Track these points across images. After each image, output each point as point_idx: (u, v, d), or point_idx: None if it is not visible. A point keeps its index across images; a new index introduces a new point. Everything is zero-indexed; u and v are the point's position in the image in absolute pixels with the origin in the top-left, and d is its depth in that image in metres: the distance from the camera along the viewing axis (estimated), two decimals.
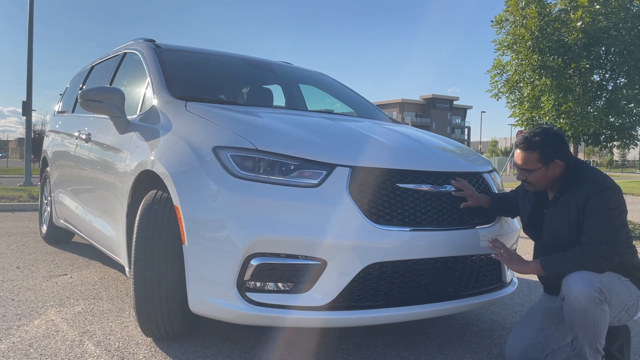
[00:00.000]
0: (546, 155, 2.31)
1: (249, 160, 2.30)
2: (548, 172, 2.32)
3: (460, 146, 3.18)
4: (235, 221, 2.20)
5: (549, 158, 2.31)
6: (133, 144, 3.00)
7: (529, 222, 2.53)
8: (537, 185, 2.38)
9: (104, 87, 3.37)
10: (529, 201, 2.53)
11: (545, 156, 2.31)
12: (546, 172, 2.32)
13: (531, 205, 2.51)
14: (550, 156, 2.31)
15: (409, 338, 2.78)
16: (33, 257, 4.57)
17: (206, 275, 2.25)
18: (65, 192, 4.47)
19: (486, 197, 2.57)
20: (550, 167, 2.31)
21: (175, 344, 2.53)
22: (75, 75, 5.52)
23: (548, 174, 2.33)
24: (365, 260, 2.19)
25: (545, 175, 2.33)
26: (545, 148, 2.31)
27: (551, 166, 2.31)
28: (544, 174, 2.33)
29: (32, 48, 13.27)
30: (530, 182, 2.37)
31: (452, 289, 2.47)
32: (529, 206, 2.52)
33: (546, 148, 2.31)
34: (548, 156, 2.31)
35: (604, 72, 8.60)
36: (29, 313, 2.98)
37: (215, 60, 4.03)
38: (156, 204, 2.49)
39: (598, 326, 2.13)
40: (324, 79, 4.48)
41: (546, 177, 2.34)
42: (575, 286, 2.12)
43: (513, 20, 8.59)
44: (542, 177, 2.34)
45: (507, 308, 3.44)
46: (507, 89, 9.19)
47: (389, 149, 2.58)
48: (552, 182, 2.36)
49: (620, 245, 2.21)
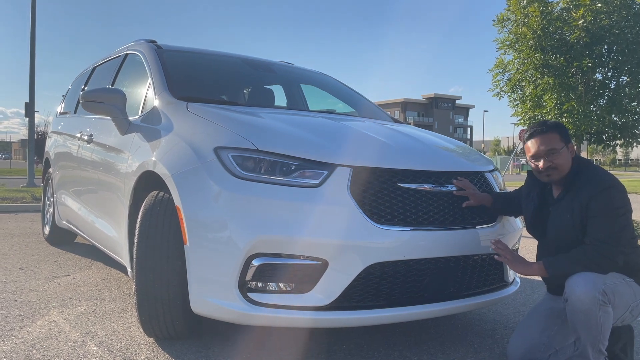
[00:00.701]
0: (565, 134, 2.33)
1: (250, 160, 2.30)
2: (568, 154, 2.32)
3: (462, 145, 3.18)
4: (236, 221, 2.20)
5: (568, 138, 2.33)
6: (135, 145, 3.00)
7: (533, 221, 2.52)
8: (563, 169, 2.30)
9: (105, 88, 3.38)
10: (532, 200, 2.51)
11: (565, 135, 2.33)
12: (568, 154, 2.31)
13: (535, 204, 2.49)
14: (567, 137, 2.34)
15: (411, 338, 2.78)
16: (36, 258, 4.59)
17: (208, 276, 2.26)
18: (68, 193, 4.48)
19: (488, 196, 2.56)
20: (570, 148, 2.32)
21: (177, 345, 2.53)
22: (77, 77, 5.53)
23: (569, 157, 2.31)
24: (367, 260, 2.19)
25: (568, 158, 2.31)
26: (563, 128, 2.35)
27: (569, 147, 2.32)
28: (567, 155, 2.31)
29: (34, 50, 13.31)
30: (557, 165, 2.29)
31: (454, 288, 2.47)
32: (532, 205, 2.50)
33: (563, 129, 2.35)
34: (566, 136, 2.33)
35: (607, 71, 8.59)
36: (31, 314, 2.99)
37: (217, 60, 4.03)
38: (158, 205, 2.49)
39: (601, 328, 2.11)
40: (325, 78, 4.48)
41: (568, 159, 2.31)
42: (579, 288, 2.11)
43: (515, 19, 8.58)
44: (566, 159, 2.31)
45: (510, 308, 3.44)
46: (509, 88, 9.18)
47: (390, 149, 2.58)
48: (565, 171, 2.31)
49: (624, 246, 2.19)
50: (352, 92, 4.39)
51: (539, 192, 2.48)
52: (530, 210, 2.51)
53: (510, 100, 9.29)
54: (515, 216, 2.75)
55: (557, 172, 2.31)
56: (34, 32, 13.23)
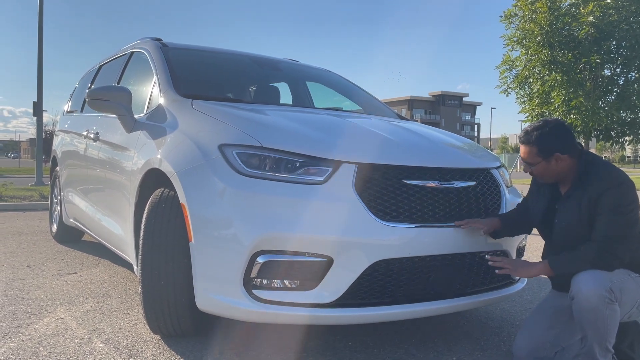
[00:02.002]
0: (544, 149, 2.26)
1: (255, 157, 2.30)
2: (550, 165, 2.28)
3: (468, 142, 3.16)
4: (241, 219, 2.19)
5: (548, 152, 2.26)
6: (140, 143, 3.01)
7: (541, 218, 2.49)
8: (544, 179, 2.35)
9: (111, 86, 3.38)
10: (542, 195, 2.48)
11: (543, 150, 2.27)
12: (548, 166, 2.28)
13: (544, 200, 2.47)
14: (548, 150, 2.26)
15: (417, 335, 2.77)
16: (43, 255, 4.61)
17: (213, 273, 2.26)
18: (75, 191, 4.51)
19: (497, 220, 2.49)
20: (552, 161, 2.27)
21: (183, 342, 2.54)
22: (84, 75, 5.55)
23: (551, 168, 2.29)
24: (372, 257, 2.18)
25: (547, 169, 2.29)
26: (543, 142, 2.26)
27: (552, 159, 2.27)
28: (545, 167, 2.29)
29: (42, 49, 13.39)
30: (534, 174, 2.36)
31: (460, 286, 2.46)
32: (542, 201, 2.48)
33: (543, 142, 2.26)
34: (546, 150, 2.26)
35: (615, 67, 8.52)
36: (38, 311, 3.00)
37: (222, 58, 4.03)
38: (163, 202, 2.49)
39: (608, 326, 2.09)
40: (331, 76, 4.47)
41: (549, 170, 2.30)
42: (585, 286, 2.09)
43: (522, 15, 8.53)
44: (544, 171, 2.30)
45: (516, 305, 3.42)
46: (516, 85, 9.14)
47: (395, 145, 2.56)
48: (561, 175, 2.31)
49: (631, 243, 2.17)
50: (357, 89, 4.38)
51: (548, 190, 2.45)
52: (540, 206, 2.47)
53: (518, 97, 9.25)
54: (528, 232, 2.68)
55: (541, 178, 2.36)
56: (41, 31, 13.30)
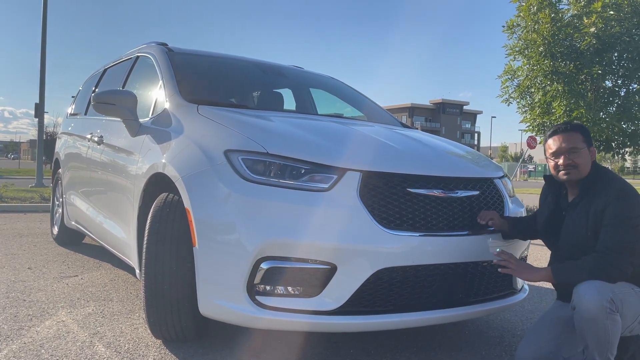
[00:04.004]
0: (588, 137, 2.34)
1: (260, 163, 2.30)
2: (588, 156, 2.32)
3: (471, 151, 3.17)
4: (245, 224, 2.20)
5: (590, 141, 2.34)
6: (145, 147, 3.01)
7: (546, 227, 2.49)
8: (582, 169, 2.31)
9: (116, 90, 3.40)
10: (547, 205, 2.49)
11: (587, 137, 2.34)
12: (588, 155, 2.32)
13: (550, 209, 2.47)
14: (590, 139, 2.35)
15: (418, 344, 2.77)
16: (44, 258, 4.61)
17: (216, 278, 2.26)
18: (77, 193, 4.51)
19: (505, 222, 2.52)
20: (591, 152, 2.33)
21: (185, 347, 2.54)
22: (88, 78, 5.57)
23: (588, 159, 2.32)
24: (375, 265, 2.19)
25: (588, 160, 2.32)
26: (586, 130, 2.36)
27: (591, 150, 2.33)
28: (586, 156, 2.32)
29: (45, 50, 13.42)
30: (577, 164, 2.30)
31: (463, 295, 2.46)
32: (547, 210, 2.48)
33: (586, 130, 2.36)
34: (589, 139, 2.34)
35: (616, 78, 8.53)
36: (40, 314, 3.00)
37: (227, 64, 4.05)
38: (167, 207, 2.50)
39: (609, 336, 2.10)
40: (334, 83, 4.49)
41: (587, 161, 2.32)
42: (586, 296, 2.10)
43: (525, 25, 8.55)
44: (586, 160, 2.32)
45: (518, 315, 3.42)
46: (518, 94, 9.14)
47: (399, 154, 2.57)
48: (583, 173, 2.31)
49: (635, 256, 2.17)
50: (361, 96, 4.39)
51: (555, 197, 2.47)
52: (545, 214, 2.49)
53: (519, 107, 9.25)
54: (532, 238, 2.70)
55: (576, 171, 2.31)
56: (45, 32, 13.34)
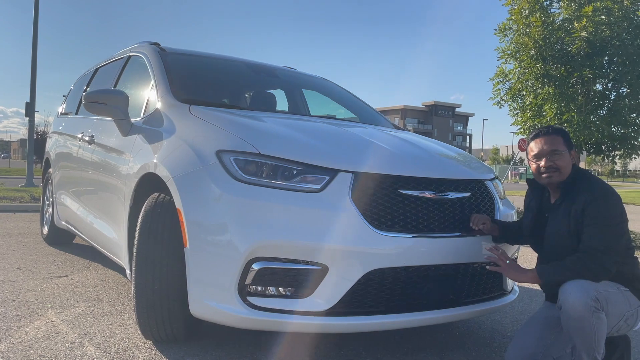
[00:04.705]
0: (568, 140, 2.39)
1: (252, 164, 2.30)
2: (569, 159, 2.36)
3: (463, 153, 3.19)
4: (237, 225, 2.20)
5: (570, 144, 2.39)
6: (136, 147, 3.00)
7: (531, 229, 2.53)
8: (563, 172, 2.34)
9: (108, 90, 3.38)
10: (531, 209, 2.53)
11: (568, 141, 2.39)
12: (569, 158, 2.36)
13: (533, 211, 2.51)
14: (570, 143, 2.40)
15: (409, 345, 2.77)
16: (34, 258, 4.58)
17: (207, 279, 2.25)
18: (67, 193, 4.48)
19: (496, 226, 2.55)
20: (572, 155, 2.37)
21: (175, 347, 2.53)
22: (80, 77, 5.54)
23: (569, 162, 2.36)
24: (367, 266, 2.19)
25: (569, 162, 2.36)
26: (567, 134, 2.41)
27: (572, 154, 2.37)
28: (568, 159, 2.36)
29: (36, 49, 13.32)
30: (558, 166, 2.34)
31: (454, 296, 2.47)
32: (531, 212, 2.52)
33: (567, 134, 2.41)
34: (569, 142, 2.39)
35: (607, 82, 8.59)
36: (29, 314, 2.98)
37: (219, 64, 4.04)
38: (158, 207, 2.49)
39: (596, 335, 2.12)
40: (326, 84, 4.49)
41: (569, 164, 2.36)
42: (572, 295, 2.12)
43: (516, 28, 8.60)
44: (568, 163, 2.36)
45: (508, 316, 3.44)
46: (509, 97, 9.18)
47: (391, 155, 2.58)
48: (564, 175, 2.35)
49: (618, 255, 2.20)
50: (353, 97, 4.40)
51: (538, 200, 2.51)
52: (529, 217, 2.53)
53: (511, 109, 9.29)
54: (521, 243, 2.72)
55: (557, 173, 2.35)
56: (36, 30, 13.24)
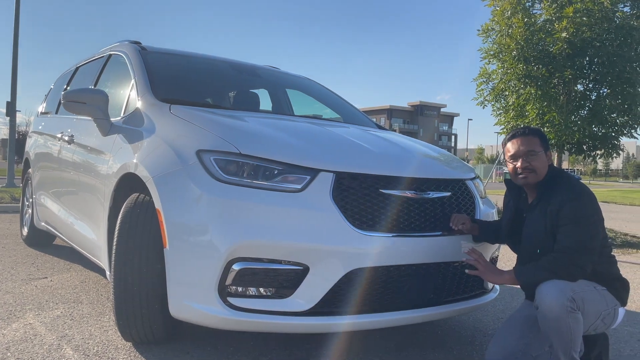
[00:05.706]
0: (545, 141, 2.41)
1: (233, 164, 2.29)
2: (545, 159, 2.38)
3: (444, 153, 3.21)
4: (217, 225, 2.18)
5: (547, 145, 2.41)
6: (116, 147, 2.97)
7: (509, 229, 2.55)
8: (539, 172, 2.36)
9: (87, 89, 3.34)
10: (509, 208, 2.56)
11: (544, 141, 2.41)
12: (544, 159, 2.38)
13: (511, 211, 2.54)
14: (547, 144, 2.42)
15: (391, 344, 2.78)
16: (13, 259, 4.50)
17: (187, 280, 2.24)
18: (47, 194, 4.42)
19: (476, 226, 2.55)
20: (547, 156, 2.39)
21: (155, 349, 2.50)
22: (60, 76, 5.47)
23: (545, 162, 2.38)
24: (348, 265, 2.19)
25: (545, 163, 2.38)
26: (543, 135, 2.44)
27: (548, 154, 2.39)
28: (544, 160, 2.38)
29: (17, 48, 13.12)
30: (534, 167, 2.35)
31: (434, 295, 2.48)
32: (509, 212, 2.55)
33: (544, 135, 2.44)
34: (546, 143, 2.41)
35: (588, 82, 8.70)
36: (7, 316, 2.93)
37: (201, 63, 4.01)
38: (138, 207, 2.47)
39: (572, 334, 2.14)
40: (310, 84, 4.49)
41: (545, 165, 2.38)
42: (548, 295, 2.14)
43: (499, 29, 8.68)
44: (543, 163, 2.38)
45: (489, 315, 3.46)
46: (492, 97, 9.26)
47: (373, 155, 2.59)
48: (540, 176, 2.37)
49: (593, 254, 2.22)
50: (337, 97, 4.40)
51: (515, 200, 2.54)
52: (507, 217, 2.55)
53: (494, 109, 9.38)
54: (501, 242, 2.73)
55: (533, 174, 2.37)
56: (17, 29, 13.04)
